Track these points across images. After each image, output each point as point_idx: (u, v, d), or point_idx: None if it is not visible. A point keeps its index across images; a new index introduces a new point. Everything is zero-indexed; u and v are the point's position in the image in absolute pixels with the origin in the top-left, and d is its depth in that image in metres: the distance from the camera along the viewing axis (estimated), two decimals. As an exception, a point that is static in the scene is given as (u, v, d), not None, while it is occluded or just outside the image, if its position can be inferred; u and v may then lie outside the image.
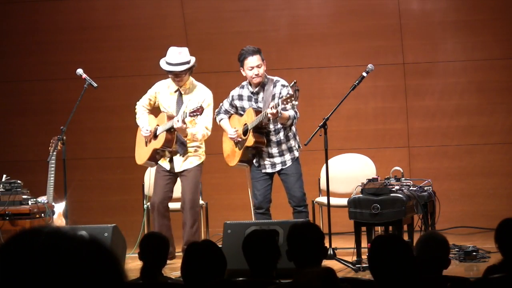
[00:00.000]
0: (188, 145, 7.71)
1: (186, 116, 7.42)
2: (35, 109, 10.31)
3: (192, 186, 7.70)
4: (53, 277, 1.39)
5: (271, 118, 7.43)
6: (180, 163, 7.73)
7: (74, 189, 8.22)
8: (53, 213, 7.75)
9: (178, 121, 7.44)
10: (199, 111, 7.35)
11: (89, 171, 10.14)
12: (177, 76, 7.62)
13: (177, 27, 10.04)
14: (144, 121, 7.85)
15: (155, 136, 7.75)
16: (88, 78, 7.74)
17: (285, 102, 7.18)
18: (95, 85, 7.69)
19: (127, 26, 10.10)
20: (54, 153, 7.85)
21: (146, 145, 7.85)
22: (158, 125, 7.78)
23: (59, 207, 7.92)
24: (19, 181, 7.69)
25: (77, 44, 10.16)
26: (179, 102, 7.72)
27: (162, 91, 7.82)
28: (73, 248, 1.43)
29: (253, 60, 7.57)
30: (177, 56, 7.60)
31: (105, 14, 10.18)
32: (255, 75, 7.57)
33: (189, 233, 7.62)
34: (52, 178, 7.88)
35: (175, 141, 7.66)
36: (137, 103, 7.96)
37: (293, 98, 7.14)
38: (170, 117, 7.63)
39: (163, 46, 7.77)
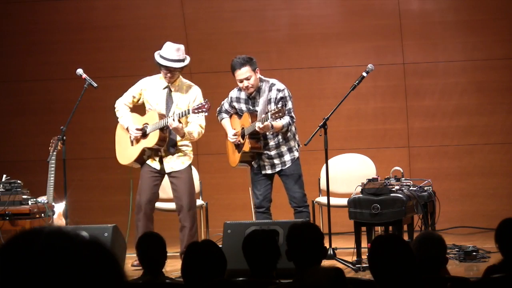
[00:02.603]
0: (178, 144, 7.59)
1: (187, 114, 7.32)
2: (35, 109, 10.30)
3: (189, 188, 7.59)
4: (53, 278, 1.39)
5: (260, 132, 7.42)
6: (171, 164, 7.59)
7: (74, 189, 8.22)
8: (53, 213, 7.74)
9: (174, 120, 7.29)
10: (204, 107, 7.23)
11: (89, 171, 10.14)
12: (170, 72, 7.47)
13: (177, 27, 10.04)
14: (129, 120, 7.68)
15: (144, 135, 7.60)
16: (88, 78, 7.74)
17: (273, 117, 7.19)
18: (95, 85, 7.69)
19: (127, 26, 10.09)
20: (54, 153, 7.85)
21: (132, 145, 7.67)
22: (147, 123, 7.60)
23: (59, 207, 7.92)
24: (19, 181, 7.69)
25: (77, 44, 10.15)
26: (169, 99, 7.58)
27: (150, 88, 7.65)
28: (74, 249, 1.43)
29: (241, 73, 7.52)
30: (175, 52, 7.46)
31: (105, 14, 10.18)
32: (245, 87, 7.55)
33: (189, 235, 7.53)
34: (52, 178, 7.88)
35: (167, 141, 7.52)
36: (117, 101, 7.77)
37: (280, 113, 7.14)
38: (162, 116, 7.50)
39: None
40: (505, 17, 9.58)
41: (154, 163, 7.64)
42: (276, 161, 7.62)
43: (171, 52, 7.46)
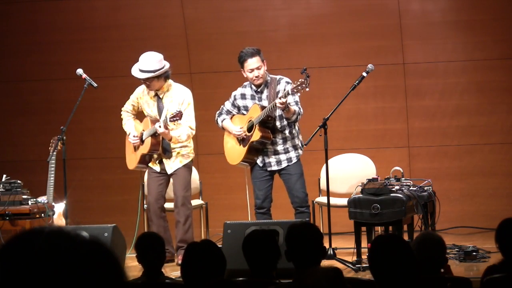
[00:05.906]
0: (174, 146, 7.73)
1: (167, 122, 7.45)
2: (35, 109, 10.30)
3: (182, 184, 7.73)
4: (54, 278, 1.39)
5: (278, 109, 7.36)
6: (170, 165, 7.78)
7: (74, 189, 8.22)
8: (53, 213, 7.75)
9: (160, 126, 7.49)
10: (178, 115, 7.40)
11: (89, 171, 10.14)
12: (145, 82, 7.66)
13: (177, 27, 10.04)
14: (130, 127, 7.92)
15: (141, 141, 7.82)
16: (88, 78, 7.75)
17: (295, 90, 7.17)
18: (95, 85, 7.70)
19: (127, 26, 10.09)
20: (54, 153, 7.85)
21: (135, 150, 7.91)
22: (143, 130, 7.83)
23: (59, 207, 7.92)
24: (19, 181, 7.69)
25: (77, 44, 10.15)
26: (160, 105, 7.75)
27: (142, 96, 7.87)
28: (74, 249, 1.43)
29: (252, 62, 7.55)
30: (144, 63, 7.60)
31: (105, 14, 10.18)
32: (256, 77, 7.56)
33: (182, 230, 7.67)
34: (52, 178, 7.88)
35: (161, 145, 7.72)
36: (122, 109, 8.00)
37: (304, 85, 7.13)
38: (154, 122, 7.69)
39: (163, 46, 7.79)
40: (505, 17, 9.57)
41: (155, 166, 7.87)
42: (282, 157, 7.61)
43: (142, 63, 7.63)
